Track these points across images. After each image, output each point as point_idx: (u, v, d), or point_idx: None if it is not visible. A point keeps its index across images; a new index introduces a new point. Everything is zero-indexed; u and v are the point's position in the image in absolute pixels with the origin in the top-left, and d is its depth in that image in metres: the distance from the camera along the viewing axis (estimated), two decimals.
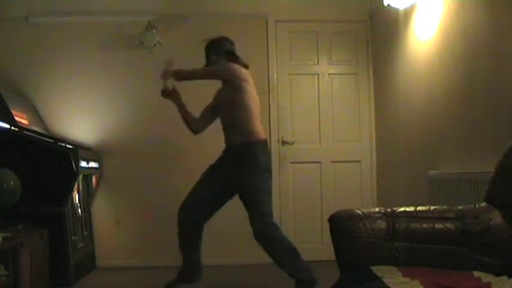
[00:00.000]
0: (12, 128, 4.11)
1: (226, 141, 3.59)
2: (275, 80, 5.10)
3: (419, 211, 2.17)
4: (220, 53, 3.68)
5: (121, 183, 4.95)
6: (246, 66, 3.66)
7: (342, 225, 2.11)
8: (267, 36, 5.10)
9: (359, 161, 5.15)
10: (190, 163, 4.83)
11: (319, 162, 5.12)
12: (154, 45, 4.87)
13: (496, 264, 1.99)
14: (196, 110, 3.77)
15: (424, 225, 2.09)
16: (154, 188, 4.94)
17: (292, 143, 5.04)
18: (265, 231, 3.43)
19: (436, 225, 2.08)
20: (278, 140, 5.05)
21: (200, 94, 3.82)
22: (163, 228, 4.84)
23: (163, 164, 4.95)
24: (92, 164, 4.58)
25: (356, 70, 5.19)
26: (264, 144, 3.52)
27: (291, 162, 5.10)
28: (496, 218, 2.10)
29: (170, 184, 4.89)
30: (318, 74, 5.18)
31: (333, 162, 5.12)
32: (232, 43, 3.76)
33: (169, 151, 4.96)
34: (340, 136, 5.13)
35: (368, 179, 5.13)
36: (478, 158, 3.17)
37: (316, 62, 5.19)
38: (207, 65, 3.69)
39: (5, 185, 3.59)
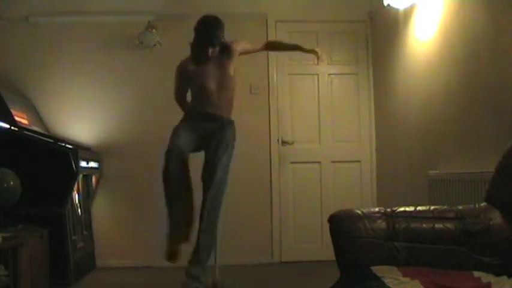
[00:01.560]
0: (12, 128, 4.11)
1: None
2: (275, 80, 5.11)
3: (419, 211, 2.17)
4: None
5: (121, 183, 4.95)
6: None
7: (342, 225, 2.11)
8: (267, 36, 5.09)
9: (359, 161, 5.15)
10: (189, 163, 4.83)
11: (319, 162, 5.12)
12: (154, 45, 4.87)
13: (496, 264, 1.99)
14: None
15: (424, 225, 2.09)
16: (154, 188, 4.92)
17: (292, 143, 5.04)
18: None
19: (436, 225, 2.08)
20: (278, 140, 5.05)
21: None
22: (163, 228, 4.85)
23: (163, 164, 4.95)
24: (92, 164, 4.58)
25: (356, 70, 5.19)
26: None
27: (291, 162, 5.10)
28: (496, 218, 2.10)
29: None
30: (318, 74, 5.18)
31: (333, 162, 5.12)
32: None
33: None
34: (340, 136, 5.13)
35: (368, 179, 5.13)
36: (478, 158, 3.17)
37: (316, 62, 5.18)
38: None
39: (5, 185, 3.60)
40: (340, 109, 5.15)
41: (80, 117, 4.93)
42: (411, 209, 2.17)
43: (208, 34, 3.52)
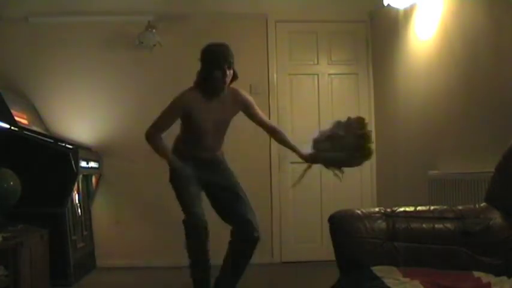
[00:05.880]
0: (12, 128, 4.11)
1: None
2: (275, 80, 5.10)
3: (419, 211, 2.17)
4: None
5: (121, 183, 4.95)
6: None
7: (342, 225, 2.11)
8: (267, 36, 5.10)
9: None
10: None
11: None
12: (154, 45, 4.87)
13: (496, 264, 1.99)
14: None
15: (424, 225, 2.09)
16: (154, 187, 4.93)
17: None
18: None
19: (436, 225, 2.09)
20: None
21: None
22: (163, 228, 4.85)
23: (163, 164, 4.94)
24: (92, 164, 4.58)
25: (356, 70, 5.19)
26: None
27: (291, 163, 5.08)
28: (496, 218, 2.10)
29: (170, 184, 4.88)
30: (317, 74, 5.18)
31: None
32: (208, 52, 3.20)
33: None
34: None
35: (368, 179, 5.12)
36: (478, 158, 3.17)
37: (316, 62, 5.19)
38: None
39: (5, 185, 3.59)
40: (340, 109, 5.13)
41: (80, 117, 4.93)
42: (411, 209, 2.18)
43: (222, 54, 3.09)
